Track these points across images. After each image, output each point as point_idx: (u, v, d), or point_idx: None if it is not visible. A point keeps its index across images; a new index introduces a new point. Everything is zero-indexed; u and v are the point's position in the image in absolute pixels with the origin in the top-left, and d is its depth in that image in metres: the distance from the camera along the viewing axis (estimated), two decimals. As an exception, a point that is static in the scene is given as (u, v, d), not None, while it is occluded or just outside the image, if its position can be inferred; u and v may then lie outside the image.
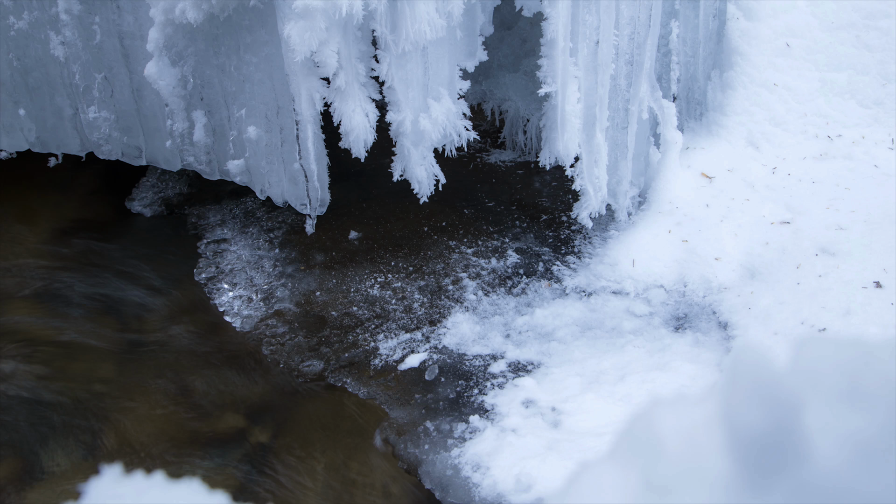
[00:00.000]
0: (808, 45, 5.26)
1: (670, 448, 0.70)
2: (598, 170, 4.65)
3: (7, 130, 5.40)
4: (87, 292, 4.98)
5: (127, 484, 0.97)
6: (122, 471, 0.99)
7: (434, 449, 3.70)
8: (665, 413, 0.73)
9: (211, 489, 0.97)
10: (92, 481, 1.00)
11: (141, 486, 0.97)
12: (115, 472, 0.99)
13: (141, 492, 0.95)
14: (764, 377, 0.66)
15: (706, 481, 0.66)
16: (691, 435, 0.69)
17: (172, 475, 1.01)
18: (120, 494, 0.94)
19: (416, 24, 3.86)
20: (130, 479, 0.98)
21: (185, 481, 0.99)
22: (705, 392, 0.74)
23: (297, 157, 4.54)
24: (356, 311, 4.57)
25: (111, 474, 0.98)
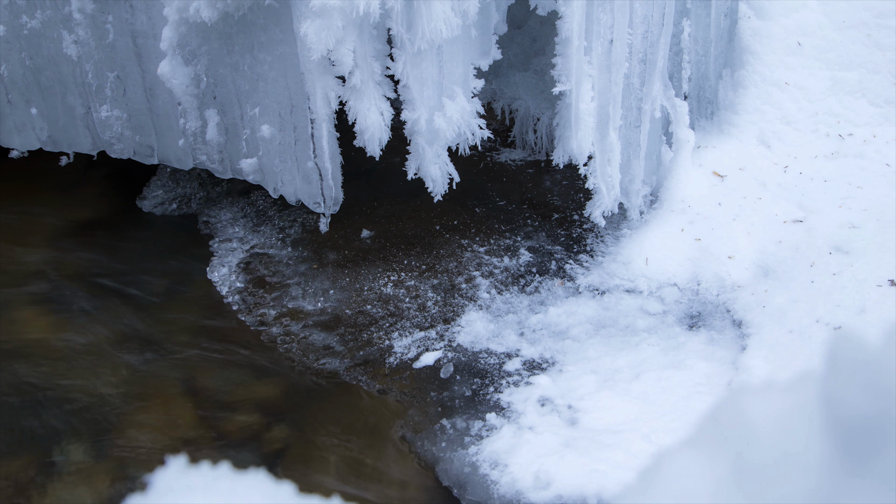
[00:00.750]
0: (819, 43, 5.27)
1: (763, 433, 0.70)
2: (611, 168, 4.65)
3: (19, 129, 5.41)
4: (99, 291, 4.98)
5: (194, 474, 0.98)
6: (188, 461, 1.00)
7: (451, 446, 3.71)
8: (754, 400, 0.74)
9: (277, 480, 0.98)
10: (158, 472, 1.00)
11: (208, 477, 0.97)
12: (181, 463, 0.99)
13: (210, 482, 0.95)
14: (864, 361, 0.66)
15: (802, 465, 0.67)
16: (785, 420, 0.70)
17: (237, 467, 1.01)
18: (189, 485, 0.95)
19: (432, 23, 3.87)
20: (197, 469, 0.98)
21: (250, 472, 1.00)
22: (797, 378, 0.75)
23: (310, 156, 4.55)
24: (370, 310, 4.57)
25: (177, 465, 0.99)
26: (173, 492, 0.96)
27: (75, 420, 4.26)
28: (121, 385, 4.46)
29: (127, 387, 4.43)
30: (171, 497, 0.94)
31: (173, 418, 4.31)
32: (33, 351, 4.60)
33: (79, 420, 4.27)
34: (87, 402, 4.36)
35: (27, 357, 4.57)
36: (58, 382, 4.46)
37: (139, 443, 4.21)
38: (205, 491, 0.93)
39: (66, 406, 4.33)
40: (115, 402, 4.36)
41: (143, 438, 4.22)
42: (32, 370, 4.51)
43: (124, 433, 4.24)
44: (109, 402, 4.36)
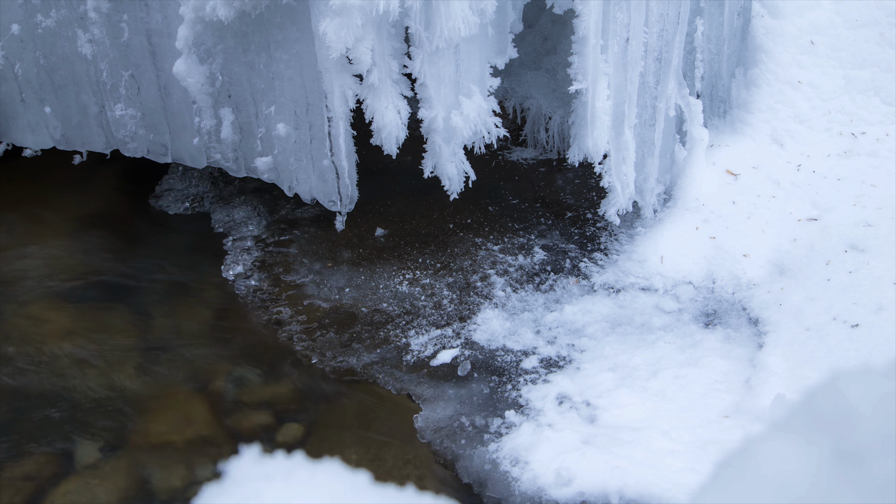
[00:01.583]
0: (832, 42, 5.28)
1: (863, 417, 0.71)
2: (625, 167, 4.67)
3: (32, 128, 5.42)
4: (112, 289, 4.99)
5: (270, 463, 0.99)
6: (262, 450, 1.01)
7: (471, 444, 3.72)
8: (853, 385, 0.74)
9: (354, 468, 0.99)
10: (232, 461, 1.01)
11: (285, 465, 0.98)
12: (255, 452, 1.00)
13: (288, 470, 0.96)
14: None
15: (906, 449, 0.68)
16: (885, 404, 0.71)
17: (318, 459, 1.02)
18: (267, 473, 0.96)
19: (450, 21, 3.88)
20: (272, 458, 0.99)
21: (325, 461, 1.01)
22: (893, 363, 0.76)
23: (326, 154, 4.56)
24: (386, 308, 4.58)
25: (251, 454, 1.00)
26: (250, 480, 0.96)
27: (90, 418, 4.26)
28: (135, 382, 4.46)
29: (141, 384, 4.43)
30: (250, 486, 0.95)
31: (189, 416, 4.31)
32: (46, 348, 4.61)
33: (94, 418, 4.27)
34: (101, 400, 4.36)
35: (40, 354, 4.57)
36: (72, 380, 4.46)
37: (154, 440, 4.21)
38: (284, 479, 0.94)
39: (81, 404, 4.33)
40: (131, 399, 4.37)
41: (158, 435, 4.23)
42: (45, 367, 4.52)
43: (139, 430, 4.25)
44: (124, 399, 4.37)
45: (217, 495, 0.94)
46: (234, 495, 0.92)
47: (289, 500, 0.91)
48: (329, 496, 0.91)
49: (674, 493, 3.16)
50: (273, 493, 0.91)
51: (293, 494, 0.91)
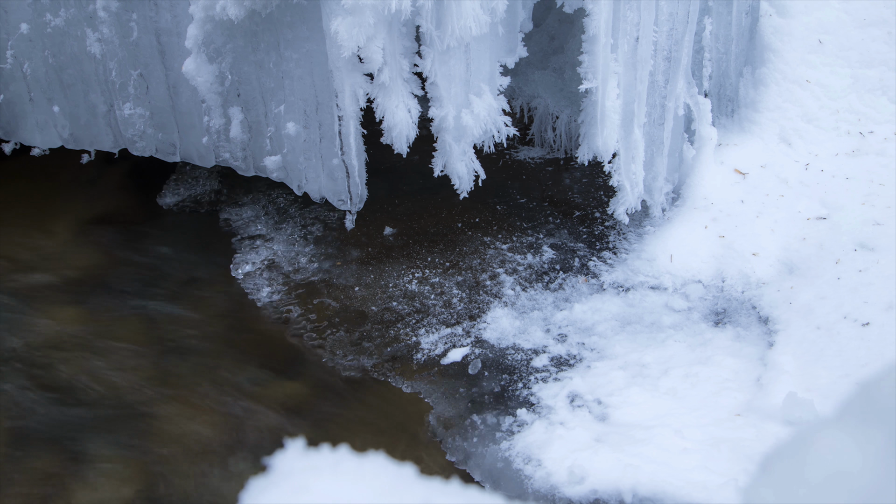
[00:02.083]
0: (840, 41, 5.29)
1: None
2: (635, 166, 4.67)
3: (41, 127, 5.42)
4: (121, 288, 4.99)
5: (315, 456, 0.99)
6: (306, 444, 1.01)
7: (483, 442, 3.72)
8: (909, 377, 0.75)
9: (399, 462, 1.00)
10: (277, 455, 1.02)
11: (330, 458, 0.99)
12: (300, 446, 1.01)
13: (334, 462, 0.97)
14: None
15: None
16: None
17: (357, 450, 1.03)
18: (314, 466, 0.97)
19: (461, 20, 3.89)
20: (318, 451, 1.00)
21: (370, 454, 1.01)
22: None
23: (336, 153, 4.57)
24: (396, 306, 4.59)
25: (296, 447, 1.01)
26: (296, 473, 0.97)
27: (102, 416, 4.26)
28: (146, 381, 4.46)
29: (152, 383, 4.43)
30: (298, 478, 0.95)
31: (200, 415, 4.32)
32: (56, 346, 4.61)
33: (105, 416, 4.27)
34: (113, 399, 4.36)
35: (50, 352, 4.58)
36: (83, 378, 4.46)
37: (166, 438, 4.21)
38: (332, 472, 0.95)
39: (93, 402, 4.33)
40: (141, 398, 4.36)
41: (169, 434, 4.23)
42: (56, 366, 4.52)
43: (151, 429, 4.25)
44: (135, 398, 4.37)
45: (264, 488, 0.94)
46: (282, 488, 0.93)
47: (337, 492, 0.91)
48: (376, 489, 0.92)
49: (687, 492, 3.17)
50: (321, 486, 0.92)
51: (341, 487, 0.91)
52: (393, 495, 0.91)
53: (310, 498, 0.90)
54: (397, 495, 0.91)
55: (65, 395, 4.36)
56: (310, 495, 0.91)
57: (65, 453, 4.09)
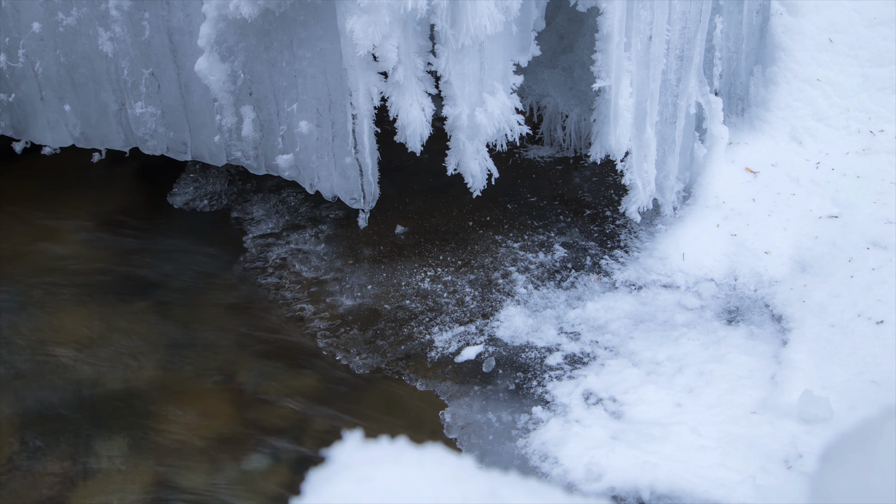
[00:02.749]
0: (850, 40, 5.30)
1: None
2: (647, 164, 4.68)
3: (52, 126, 5.43)
4: (132, 286, 5.00)
5: (374, 447, 1.00)
6: (364, 436, 1.02)
7: (498, 440, 3.73)
8: None
9: (459, 454, 1.00)
10: (335, 446, 1.03)
11: (390, 449, 0.99)
12: (357, 438, 1.01)
13: (395, 454, 0.97)
14: None
15: None
16: None
17: (415, 441, 1.04)
18: (374, 457, 0.97)
19: (476, 19, 3.89)
20: (377, 443, 1.00)
21: (428, 446, 1.02)
22: None
23: (348, 152, 4.57)
24: (409, 305, 4.60)
25: (354, 439, 1.01)
26: (357, 464, 0.98)
27: (113, 413, 4.26)
28: (157, 379, 4.46)
29: (163, 380, 4.44)
30: (361, 469, 0.96)
31: (212, 412, 4.31)
32: (66, 344, 4.62)
33: (116, 413, 4.27)
34: (124, 396, 4.36)
35: (60, 350, 4.58)
36: (93, 376, 4.46)
37: (178, 435, 4.22)
38: (394, 463, 0.95)
39: (103, 399, 4.33)
40: (152, 395, 4.37)
41: (181, 431, 4.24)
42: (66, 364, 4.52)
43: (162, 425, 4.25)
44: (146, 395, 4.37)
45: (326, 479, 0.95)
46: (345, 479, 0.93)
47: (401, 482, 0.92)
48: (439, 479, 0.93)
49: (705, 488, 3.18)
50: (385, 476, 0.92)
51: (405, 477, 0.92)
52: (457, 485, 0.92)
53: (374, 488, 0.91)
54: (461, 485, 0.92)
55: (73, 392, 4.36)
56: (374, 485, 0.91)
57: (73, 451, 4.10)
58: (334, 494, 0.89)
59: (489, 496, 0.89)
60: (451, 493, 0.89)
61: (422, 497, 0.88)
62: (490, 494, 0.89)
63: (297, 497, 0.97)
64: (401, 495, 0.89)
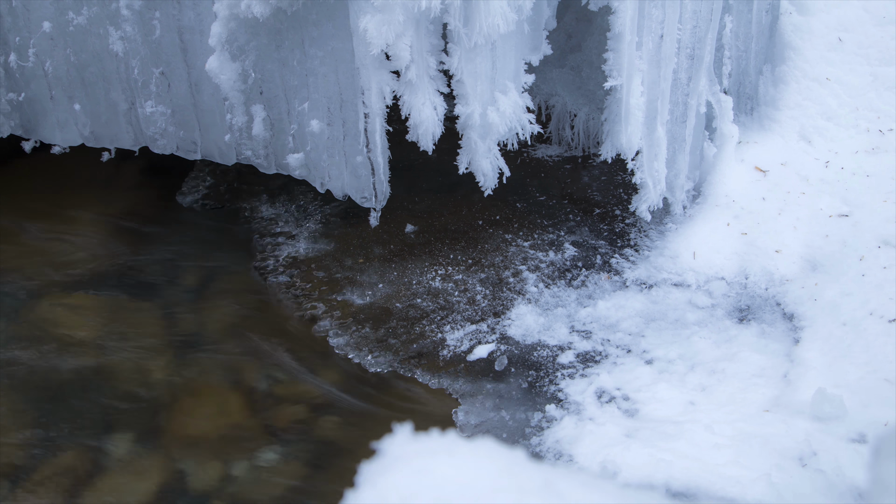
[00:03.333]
0: (859, 39, 5.31)
1: None
2: (657, 163, 4.69)
3: (61, 125, 5.43)
4: (143, 285, 5.01)
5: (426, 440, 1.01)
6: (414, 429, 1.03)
7: (512, 438, 3.74)
8: None
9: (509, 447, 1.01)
10: (385, 439, 1.03)
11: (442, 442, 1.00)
12: (407, 431, 1.02)
13: (448, 446, 0.98)
14: None
15: None
16: None
17: (469, 438, 1.05)
18: (428, 450, 0.98)
19: (489, 18, 3.90)
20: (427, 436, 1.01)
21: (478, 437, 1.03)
22: None
23: (359, 151, 4.58)
24: (420, 303, 4.61)
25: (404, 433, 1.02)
26: (410, 457, 0.99)
27: (122, 412, 4.27)
28: (167, 378, 4.47)
29: (173, 379, 4.45)
30: (416, 461, 0.97)
31: (223, 410, 4.32)
32: (75, 343, 4.62)
33: (126, 412, 4.27)
34: (133, 395, 4.37)
35: (69, 349, 4.59)
36: (102, 375, 4.47)
37: (188, 433, 4.22)
38: (448, 455, 0.96)
39: (113, 399, 4.34)
40: (162, 394, 4.37)
41: (191, 429, 4.24)
42: (75, 363, 4.53)
43: (172, 425, 4.25)
44: (156, 394, 4.37)
45: (381, 471, 0.96)
46: (401, 470, 0.94)
47: (459, 473, 0.93)
48: (494, 471, 0.94)
49: (721, 486, 3.19)
50: (441, 468, 0.93)
51: (461, 469, 0.93)
52: (511, 477, 0.92)
53: (432, 480, 0.92)
54: (516, 477, 0.93)
55: (83, 389, 4.37)
56: (431, 477, 0.92)
57: (86, 447, 4.10)
58: (391, 486, 0.90)
59: (545, 488, 0.90)
60: (507, 484, 0.90)
61: (478, 488, 0.89)
62: (545, 487, 0.90)
63: (351, 489, 0.98)
64: (458, 486, 0.89)
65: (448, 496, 0.88)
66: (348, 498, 0.96)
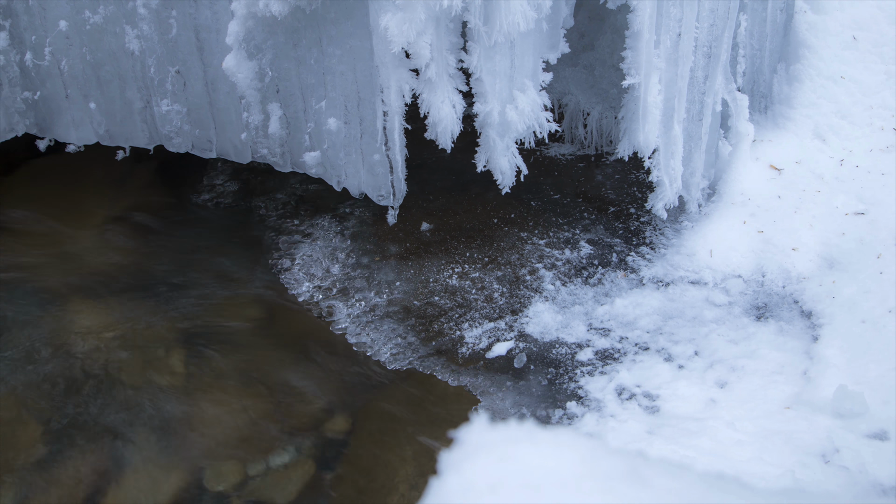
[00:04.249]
0: (874, 37, 5.32)
1: None
2: (674, 161, 4.70)
3: (76, 124, 5.44)
4: (157, 283, 5.01)
5: (503, 429, 1.01)
6: (490, 418, 1.03)
7: (534, 434, 3.74)
8: None
9: (592, 436, 1.02)
10: (462, 428, 1.04)
11: (521, 431, 1.01)
12: (484, 420, 1.03)
13: (529, 434, 0.99)
14: None
15: None
16: None
17: (548, 425, 1.05)
18: (508, 438, 0.99)
19: (510, 16, 3.91)
20: (505, 425, 1.02)
21: (551, 428, 1.04)
22: None
23: (377, 149, 4.59)
24: (438, 301, 4.62)
25: (480, 422, 1.03)
26: (491, 444, 0.99)
27: (138, 411, 4.27)
28: (181, 376, 4.48)
29: (188, 377, 4.45)
30: (496, 449, 0.98)
31: (241, 408, 4.33)
32: (89, 340, 4.63)
33: (141, 411, 4.28)
34: (148, 393, 4.38)
35: (83, 348, 4.59)
36: (118, 373, 4.48)
37: (206, 432, 4.23)
38: (530, 442, 0.97)
39: (129, 396, 4.34)
40: (177, 392, 4.38)
41: (209, 429, 4.25)
42: (90, 362, 4.53)
43: (190, 423, 4.26)
44: (171, 392, 4.38)
45: (463, 458, 0.97)
46: (484, 458, 0.95)
47: (542, 460, 0.93)
48: (577, 458, 0.94)
49: (745, 482, 3.19)
50: (524, 455, 0.94)
51: (544, 455, 0.94)
52: (596, 464, 0.93)
53: (517, 466, 0.93)
54: (600, 464, 0.94)
55: (98, 388, 4.37)
56: (516, 464, 0.93)
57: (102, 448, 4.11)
58: (477, 472, 0.91)
59: (631, 475, 0.90)
60: (592, 470, 0.91)
61: (563, 475, 0.90)
62: (632, 474, 0.91)
63: (435, 476, 0.99)
64: (543, 473, 0.90)
65: (534, 482, 0.89)
66: (433, 485, 0.97)
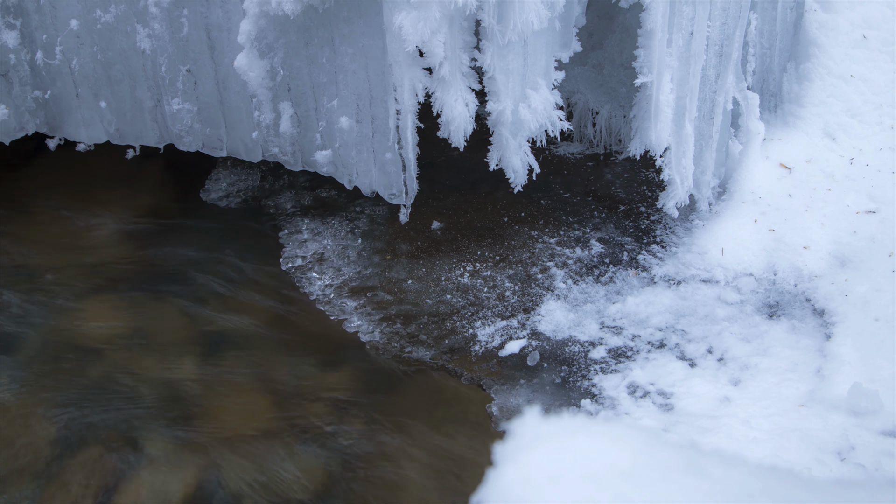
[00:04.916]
0: (884, 36, 5.32)
1: None
2: (685, 160, 4.71)
3: (86, 123, 5.45)
4: (168, 282, 5.02)
5: (557, 421, 1.02)
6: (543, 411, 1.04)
7: (548, 432, 3.75)
8: None
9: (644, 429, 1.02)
10: (515, 420, 1.05)
11: (575, 423, 1.02)
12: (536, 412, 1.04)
13: (584, 425, 1.00)
14: None
15: None
16: None
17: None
18: (564, 429, 1.00)
19: (524, 15, 3.92)
20: (559, 417, 1.03)
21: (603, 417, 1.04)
22: None
23: (389, 147, 4.60)
24: (450, 299, 4.62)
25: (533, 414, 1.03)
26: (547, 436, 1.00)
27: (154, 410, 4.27)
28: (194, 374, 4.48)
29: (201, 376, 4.46)
30: (552, 441, 0.98)
31: (254, 407, 4.33)
32: (102, 340, 4.64)
33: (158, 410, 4.28)
34: (160, 392, 4.38)
35: (95, 346, 4.60)
36: (129, 372, 4.48)
37: (218, 430, 4.23)
38: (586, 434, 0.98)
39: (143, 393, 4.34)
40: (190, 390, 4.39)
41: (221, 426, 4.25)
42: (103, 360, 4.54)
43: (202, 421, 4.27)
44: (184, 390, 4.38)
45: (518, 450, 0.97)
46: (541, 449, 0.96)
47: (598, 450, 0.94)
48: (632, 450, 0.95)
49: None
50: (581, 445, 0.95)
51: (600, 446, 0.94)
52: (652, 453, 0.94)
53: (575, 456, 0.93)
54: (657, 454, 0.94)
55: (113, 387, 4.38)
56: (574, 454, 0.94)
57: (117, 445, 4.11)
58: (535, 464, 0.92)
59: (689, 465, 0.91)
60: (649, 460, 0.92)
61: (620, 466, 0.91)
62: (690, 465, 0.92)
63: (491, 467, 1.00)
64: (601, 465, 0.91)
65: (594, 473, 0.90)
66: (490, 477, 0.97)
